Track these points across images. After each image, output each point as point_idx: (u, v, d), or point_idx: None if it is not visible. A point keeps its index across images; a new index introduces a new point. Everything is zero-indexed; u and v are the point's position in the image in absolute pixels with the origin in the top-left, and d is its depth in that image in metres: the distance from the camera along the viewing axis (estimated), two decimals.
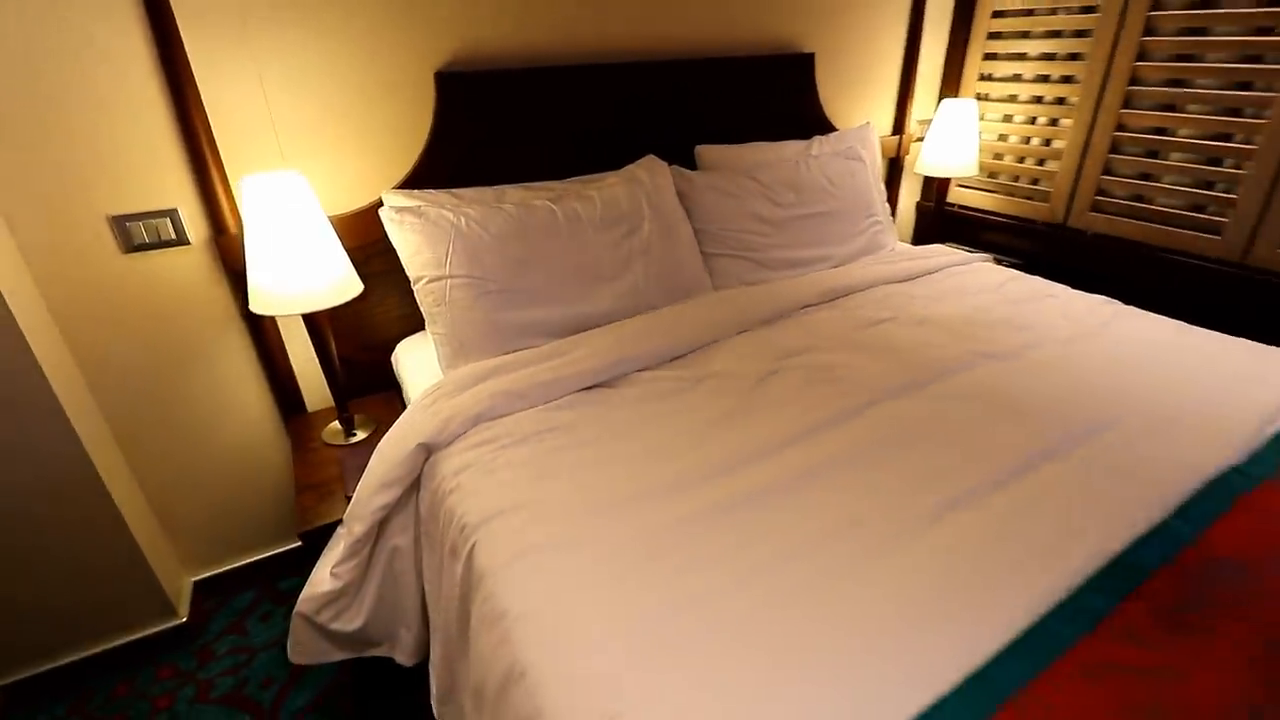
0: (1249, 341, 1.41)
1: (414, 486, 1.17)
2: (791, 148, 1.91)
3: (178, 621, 1.54)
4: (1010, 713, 0.63)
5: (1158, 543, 0.83)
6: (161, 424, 1.48)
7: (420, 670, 1.28)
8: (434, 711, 1.13)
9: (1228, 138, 1.75)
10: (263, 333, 1.48)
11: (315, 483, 1.33)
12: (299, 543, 1.67)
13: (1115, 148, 1.96)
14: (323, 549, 1.21)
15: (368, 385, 1.61)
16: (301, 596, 1.15)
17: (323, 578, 1.14)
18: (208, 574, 1.67)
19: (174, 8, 1.20)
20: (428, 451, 1.15)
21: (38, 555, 1.33)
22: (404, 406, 1.53)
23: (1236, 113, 1.72)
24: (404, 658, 1.22)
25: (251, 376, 1.54)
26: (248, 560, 1.71)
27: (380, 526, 1.15)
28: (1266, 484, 0.95)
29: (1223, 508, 0.90)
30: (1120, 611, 0.74)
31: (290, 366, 1.55)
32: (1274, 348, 1.38)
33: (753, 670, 0.70)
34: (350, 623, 1.16)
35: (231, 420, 1.55)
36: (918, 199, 2.54)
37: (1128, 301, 1.65)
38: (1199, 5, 1.73)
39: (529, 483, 1.02)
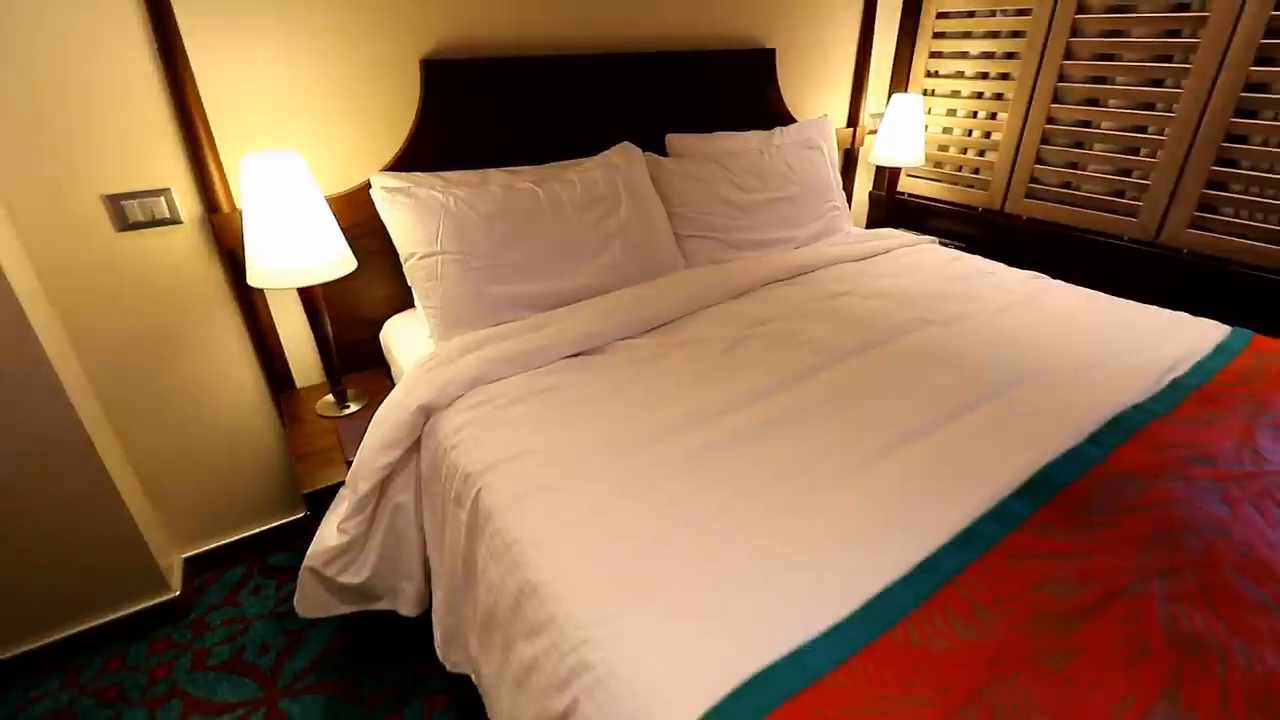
0: (1157, 308, 1.60)
1: (414, 448, 1.25)
2: (755, 137, 2.04)
3: (170, 595, 1.57)
4: (950, 590, 0.76)
5: (1073, 463, 0.98)
6: (152, 400, 1.51)
7: (413, 629, 1.37)
8: (439, 655, 1.22)
9: (1143, 129, 1.94)
10: (254, 310, 1.53)
11: (313, 450, 1.39)
12: (288, 518, 1.75)
13: (1046, 139, 2.15)
14: (325, 511, 1.28)
15: (355, 363, 1.67)
16: (310, 552, 1.22)
17: (329, 533, 1.21)
18: (198, 550, 1.71)
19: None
20: (427, 414, 1.23)
21: (32, 529, 1.36)
22: (392, 382, 1.61)
23: (1151, 107, 1.92)
24: (407, 609, 1.30)
25: (242, 353, 1.59)
26: (238, 536, 1.75)
27: (383, 485, 1.23)
28: (1163, 418, 1.11)
29: (1128, 436, 1.05)
30: (1039, 515, 0.88)
31: (280, 344, 1.60)
32: (1177, 313, 1.58)
33: (733, 575, 0.81)
34: (356, 575, 1.23)
35: (222, 397, 1.60)
36: (870, 188, 2.71)
37: (1057, 277, 1.83)
38: (1117, 11, 1.93)
39: (527, 435, 1.12)
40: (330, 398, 1.54)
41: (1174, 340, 1.42)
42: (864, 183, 2.68)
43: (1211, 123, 1.78)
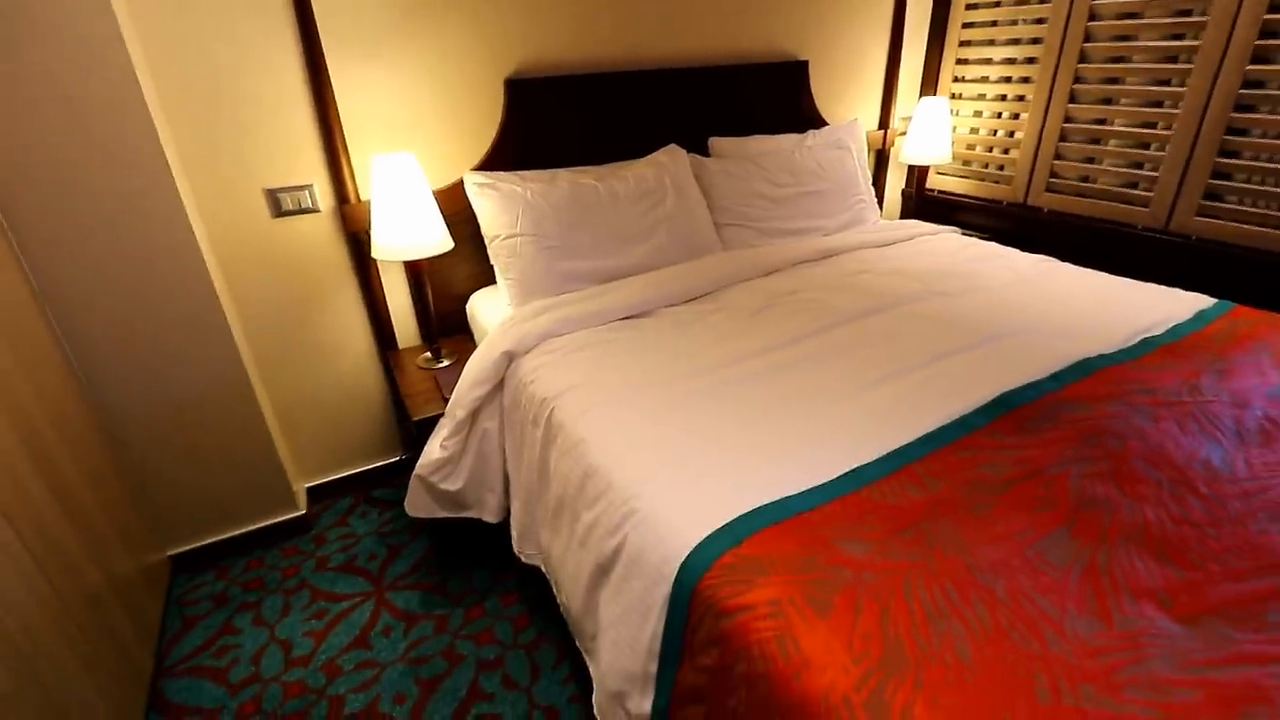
0: (1151, 284, 1.77)
1: (498, 387, 1.56)
2: (789, 139, 2.29)
3: (298, 513, 1.94)
4: (910, 469, 1.00)
5: (1030, 391, 1.20)
6: (289, 354, 1.89)
7: (489, 542, 1.68)
8: (515, 549, 1.53)
9: (1152, 125, 2.10)
10: (369, 284, 1.89)
11: (416, 392, 1.73)
12: (388, 459, 2.10)
13: (1064, 136, 2.32)
14: (424, 440, 1.60)
15: (445, 329, 2.01)
16: (419, 463, 1.54)
17: (434, 449, 1.54)
18: (315, 482, 2.08)
19: (320, 32, 1.62)
20: (510, 358, 1.54)
21: (203, 447, 1.74)
22: (475, 344, 1.93)
23: (1159, 104, 2.08)
24: (490, 516, 1.61)
25: (358, 319, 1.95)
26: (347, 473, 2.11)
27: (474, 415, 1.55)
28: (1124, 364, 1.31)
29: (1086, 375, 1.26)
30: (993, 425, 1.11)
31: (389, 311, 1.95)
32: (1171, 288, 1.74)
33: (740, 454, 1.07)
34: (453, 484, 1.55)
35: (342, 353, 1.96)
36: (903, 186, 2.91)
37: (1075, 264, 2.00)
38: (1126, 17, 2.10)
39: (588, 372, 1.41)
40: (428, 354, 1.88)
41: (1159, 309, 1.60)
42: (896, 181, 2.88)
43: (1214, 118, 1.94)
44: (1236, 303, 1.67)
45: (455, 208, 1.85)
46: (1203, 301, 1.64)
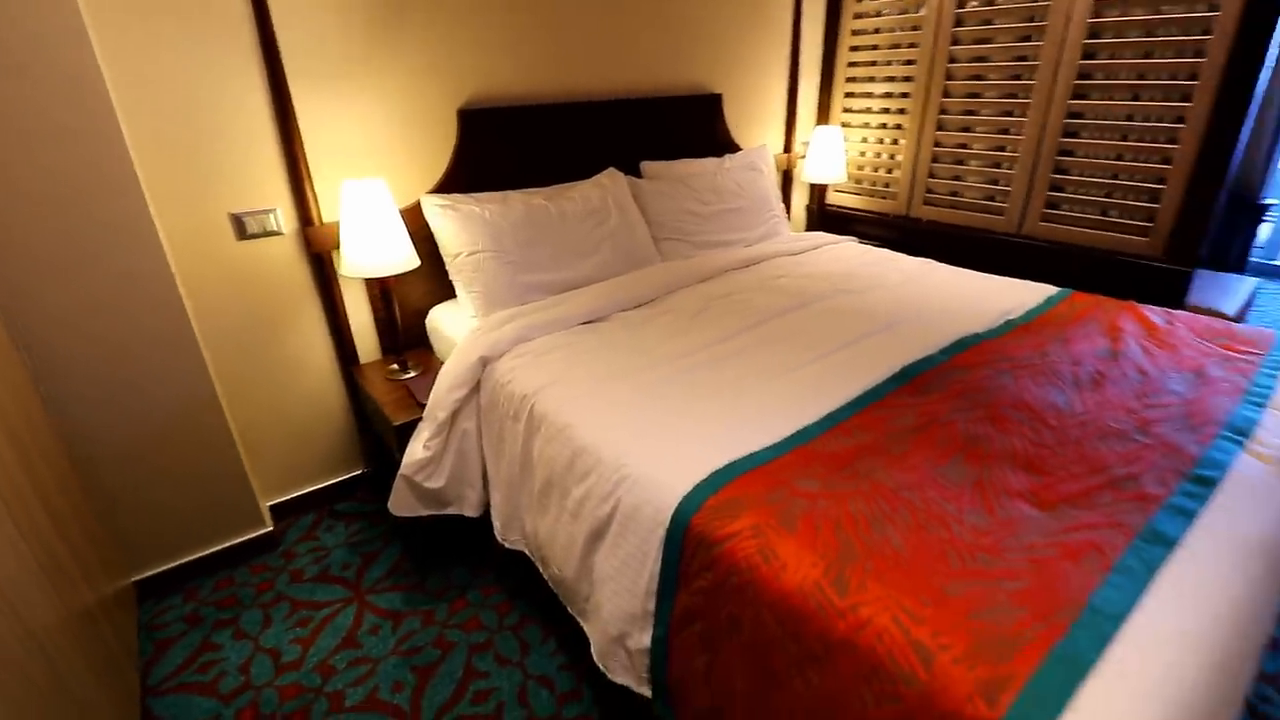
0: (1010, 278, 2.17)
1: (474, 390, 1.71)
2: (710, 162, 2.58)
3: (266, 530, 1.97)
4: (841, 426, 1.26)
5: (924, 364, 1.50)
6: (253, 371, 1.93)
7: (462, 542, 1.81)
8: (499, 538, 1.67)
9: (1003, 149, 2.56)
10: (332, 302, 1.97)
11: (390, 401, 1.83)
12: (350, 474, 2.16)
13: (935, 159, 2.75)
14: (407, 438, 1.72)
15: (404, 343, 2.11)
16: (403, 463, 1.65)
17: (417, 450, 1.65)
18: (278, 500, 2.11)
19: (285, 67, 1.71)
20: (484, 363, 1.69)
21: (170, 467, 1.75)
22: (436, 356, 2.06)
23: (1006, 132, 2.53)
24: (470, 510, 1.74)
25: (320, 336, 2.02)
26: (310, 488, 2.15)
27: (453, 416, 1.68)
28: (992, 340, 1.65)
29: (964, 349, 1.59)
30: (898, 390, 1.39)
31: (350, 328, 2.04)
32: (1024, 281, 2.15)
33: (703, 425, 1.29)
34: (436, 482, 1.67)
35: (304, 369, 2.02)
36: (806, 202, 3.28)
37: (949, 264, 2.39)
38: (977, 60, 2.55)
39: (562, 369, 1.59)
40: (395, 365, 1.98)
41: (1017, 297, 1.98)
42: (801, 198, 3.25)
43: (1048, 143, 2.40)
44: (1074, 289, 2.09)
45: (411, 228, 1.97)
46: (1049, 290, 2.05)
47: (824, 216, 3.18)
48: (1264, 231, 4.62)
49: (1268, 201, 4.12)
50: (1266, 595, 0.92)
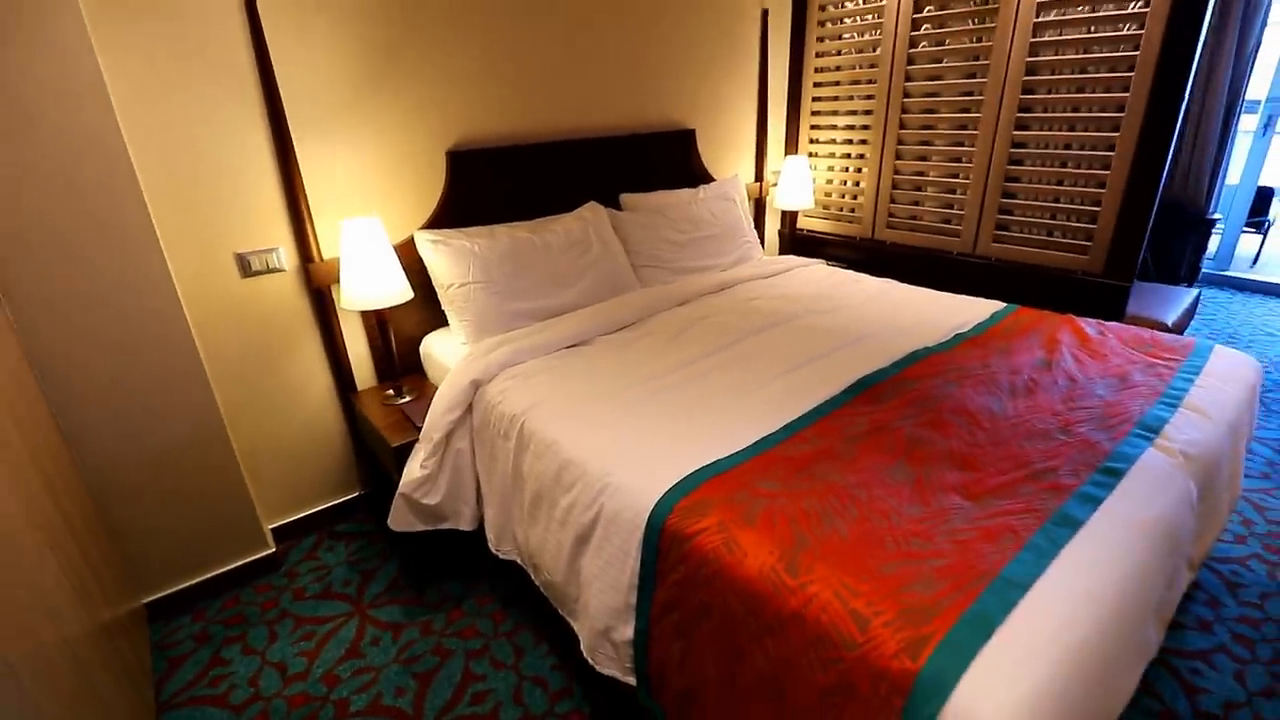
0: (963, 296, 2.35)
1: (467, 411, 1.83)
2: (685, 193, 2.75)
3: (269, 551, 2.07)
4: (801, 433, 1.40)
5: (879, 375, 1.66)
6: (256, 400, 2.05)
7: (457, 556, 1.92)
8: (492, 548, 1.79)
9: (956, 175, 2.75)
10: (331, 332, 2.10)
11: (388, 424, 1.95)
12: (347, 496, 2.27)
13: (895, 185, 2.95)
14: (405, 459, 1.84)
15: (399, 370, 2.24)
16: (402, 482, 1.77)
17: (414, 469, 1.77)
18: (280, 522, 2.21)
19: (286, 114, 1.86)
20: (476, 386, 1.82)
21: (179, 493, 1.86)
22: (430, 382, 2.19)
23: (959, 160, 2.73)
24: (465, 525, 1.86)
25: (319, 365, 2.14)
26: (309, 511, 2.26)
27: (448, 437, 1.80)
28: (942, 353, 1.81)
29: (916, 362, 1.74)
30: (855, 400, 1.54)
31: (348, 357, 2.16)
32: (975, 298, 2.32)
33: (679, 436, 1.43)
34: (433, 499, 1.79)
35: (304, 397, 2.14)
36: (779, 227, 3.47)
37: (910, 283, 2.57)
38: (929, 96, 2.75)
39: (547, 390, 1.72)
40: (391, 391, 2.10)
41: (967, 313, 2.15)
42: (773, 223, 3.44)
43: (996, 171, 2.60)
44: (1020, 305, 2.27)
45: (405, 261, 2.11)
46: (996, 305, 2.22)
47: (796, 240, 3.37)
48: (1213, 244, 4.87)
49: (1214, 217, 4.37)
50: (1159, 565, 1.07)
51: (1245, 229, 5.02)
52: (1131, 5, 2.18)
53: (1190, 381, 1.60)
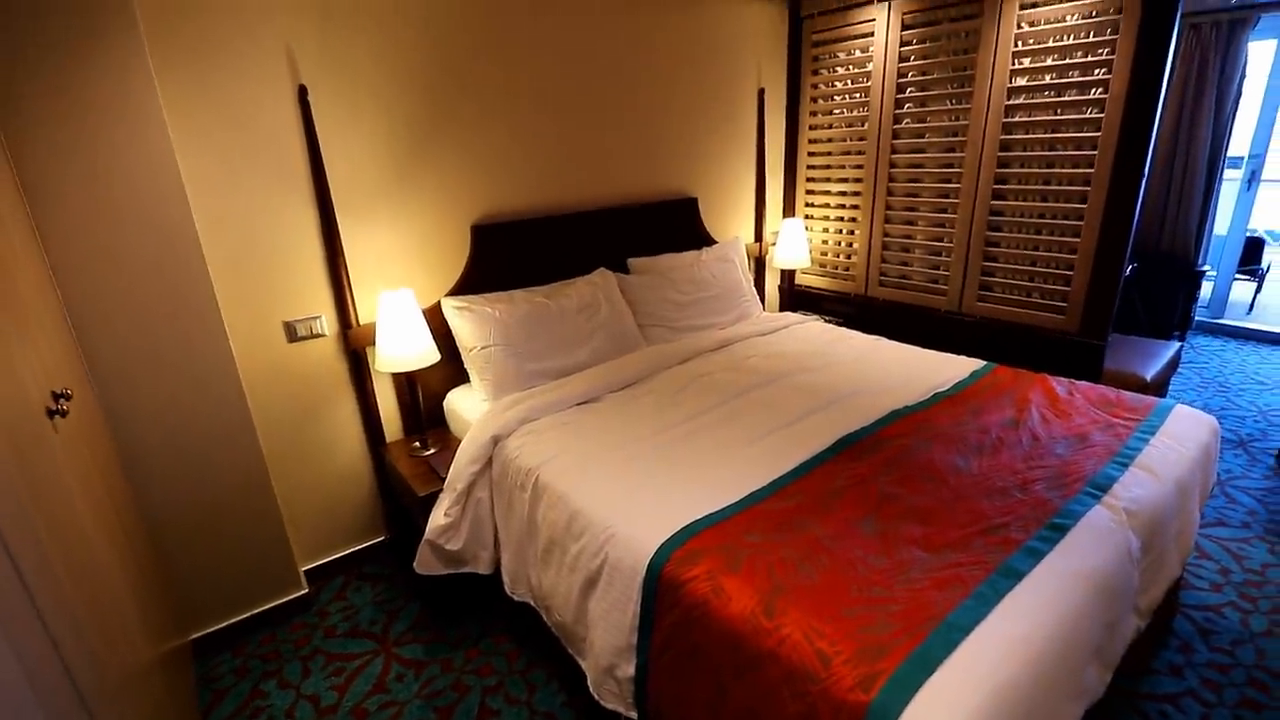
0: (945, 353, 2.52)
1: (487, 464, 2.02)
2: (688, 256, 2.97)
3: (303, 592, 2.25)
4: (786, 489, 1.57)
5: (860, 434, 1.83)
6: (296, 451, 2.25)
7: (475, 598, 2.09)
8: (508, 591, 1.95)
9: (941, 239, 2.96)
10: (365, 390, 2.32)
11: (415, 475, 2.15)
12: (373, 540, 2.45)
13: (886, 246, 3.16)
14: (429, 507, 2.02)
15: (424, 423, 2.44)
16: (428, 529, 1.95)
17: (439, 517, 1.95)
18: (312, 565, 2.39)
19: (334, 202, 2.11)
20: (496, 440, 2.01)
21: (226, 540, 2.05)
22: (453, 434, 2.38)
23: (942, 225, 2.94)
24: (483, 569, 2.03)
25: (353, 420, 2.35)
26: (340, 554, 2.44)
27: (469, 487, 1.99)
28: (920, 411, 1.98)
29: (895, 420, 1.91)
30: (837, 457, 1.71)
31: (379, 413, 2.37)
32: (956, 356, 2.49)
33: (678, 489, 1.61)
34: (455, 544, 1.97)
35: (337, 448, 2.34)
36: (779, 283, 3.68)
37: (898, 340, 2.75)
38: (913, 167, 2.98)
39: (562, 444, 1.91)
40: (417, 443, 2.30)
41: (947, 371, 2.32)
42: (774, 280, 3.65)
43: (977, 235, 2.80)
44: (1002, 362, 2.44)
45: (431, 324, 2.33)
46: (976, 364, 2.39)
47: (794, 296, 3.57)
48: (1208, 291, 5.02)
49: (1203, 269, 4.53)
50: (1094, 613, 1.22)
51: (1238, 277, 5.16)
52: (1093, 91, 2.40)
53: (1145, 441, 1.76)
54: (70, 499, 1.20)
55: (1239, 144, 4.54)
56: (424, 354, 2.14)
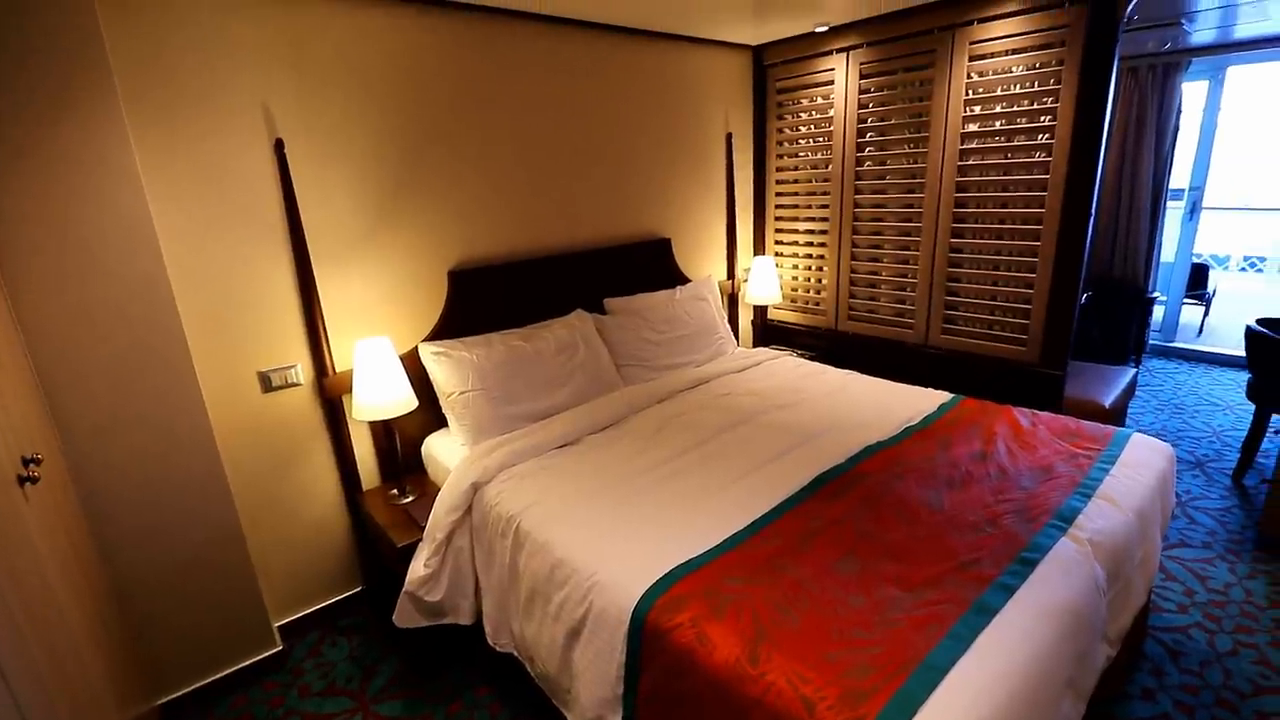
0: (914, 387, 2.60)
1: (467, 512, 2.01)
2: (662, 295, 3.03)
3: (276, 649, 2.19)
4: (766, 530, 1.60)
5: (835, 471, 1.87)
6: (270, 502, 2.21)
7: (454, 651, 2.06)
8: (490, 642, 1.93)
9: (906, 275, 3.06)
10: (341, 437, 2.30)
11: (393, 524, 2.12)
12: (349, 591, 2.41)
13: (853, 282, 3.26)
14: (409, 557, 2.00)
15: (402, 469, 2.42)
16: (407, 580, 1.93)
17: (419, 568, 1.93)
18: (286, 619, 2.32)
19: (310, 252, 2.12)
20: (475, 488, 2.01)
21: (196, 597, 1.99)
22: (428, 481, 2.37)
23: (906, 262, 3.05)
24: (464, 619, 2.00)
25: (328, 467, 2.32)
26: (314, 607, 2.38)
27: (449, 536, 1.98)
28: (892, 446, 2.04)
29: (869, 456, 1.96)
30: (813, 496, 1.75)
31: (356, 461, 2.35)
32: (925, 389, 2.57)
33: (658, 535, 1.62)
34: (435, 595, 1.94)
35: (312, 497, 2.31)
36: (752, 319, 3.76)
37: (868, 372, 2.82)
38: (876, 207, 3.10)
39: (542, 490, 1.92)
40: (395, 491, 2.28)
41: (916, 405, 2.39)
42: (747, 316, 3.73)
43: (939, 271, 2.91)
44: (968, 394, 2.52)
45: (409, 370, 2.33)
46: (943, 396, 2.47)
47: (767, 330, 3.65)
48: (1160, 314, 5.25)
49: (1153, 295, 4.75)
50: (1066, 646, 1.26)
51: (1187, 301, 5.41)
52: (1041, 137, 2.55)
53: (1106, 471, 1.83)
54: (41, 567, 1.17)
55: (1180, 177, 4.82)
56: (402, 401, 2.14)
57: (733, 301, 3.59)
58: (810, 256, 3.44)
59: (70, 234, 1.64)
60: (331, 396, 2.24)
